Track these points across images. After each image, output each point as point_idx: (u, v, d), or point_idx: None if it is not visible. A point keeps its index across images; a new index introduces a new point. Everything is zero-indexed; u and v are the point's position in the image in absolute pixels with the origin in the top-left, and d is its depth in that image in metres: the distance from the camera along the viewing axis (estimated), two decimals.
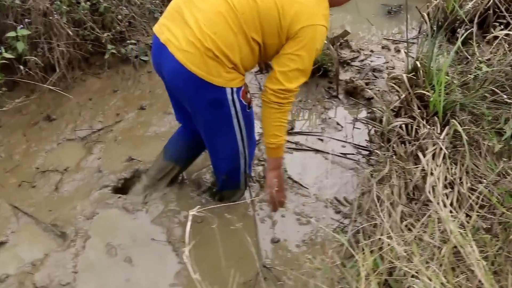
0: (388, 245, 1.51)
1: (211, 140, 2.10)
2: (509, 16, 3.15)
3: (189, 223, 1.31)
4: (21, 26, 2.73)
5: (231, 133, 2.00)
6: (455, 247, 1.58)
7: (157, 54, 1.91)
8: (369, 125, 2.81)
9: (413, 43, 3.86)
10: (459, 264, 1.51)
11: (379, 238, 1.80)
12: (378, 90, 3.17)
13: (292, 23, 1.75)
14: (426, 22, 3.40)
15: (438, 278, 1.28)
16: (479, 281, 1.30)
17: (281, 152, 2.03)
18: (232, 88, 1.85)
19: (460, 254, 1.55)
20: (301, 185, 2.44)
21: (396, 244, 1.48)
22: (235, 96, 1.87)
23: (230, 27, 1.74)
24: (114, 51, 3.20)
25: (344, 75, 3.36)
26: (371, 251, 1.59)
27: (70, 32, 2.97)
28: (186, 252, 1.25)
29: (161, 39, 1.84)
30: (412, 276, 1.49)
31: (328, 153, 2.60)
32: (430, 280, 1.28)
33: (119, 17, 3.25)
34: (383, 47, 3.79)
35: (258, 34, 1.78)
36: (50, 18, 2.89)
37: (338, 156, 2.63)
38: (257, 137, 2.72)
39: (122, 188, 2.41)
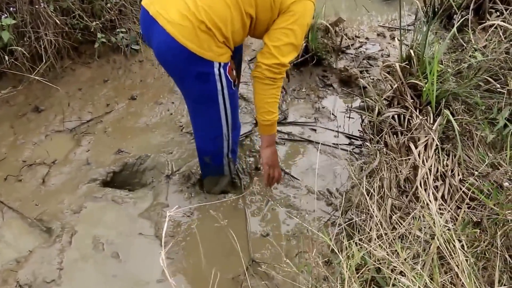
0: (368, 251, 1.47)
1: (196, 117, 2.08)
2: (502, 5, 3.07)
3: (166, 225, 1.29)
4: (6, 15, 2.67)
5: (216, 111, 1.99)
6: (444, 242, 1.57)
7: (146, 27, 1.89)
8: (362, 115, 2.77)
9: (409, 30, 3.80)
10: (446, 261, 1.48)
11: (368, 232, 1.78)
12: (373, 79, 3.12)
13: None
14: (420, 9, 3.35)
15: (422, 279, 1.26)
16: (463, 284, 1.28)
17: (275, 129, 2.09)
18: (219, 63, 1.85)
19: (447, 250, 1.53)
20: (292, 176, 2.41)
21: (382, 242, 1.46)
22: (221, 70, 1.87)
23: (225, 1, 1.75)
24: (104, 40, 3.14)
25: (339, 63, 3.31)
26: (361, 246, 1.58)
27: (57, 21, 2.91)
28: (162, 255, 1.22)
29: (150, 12, 1.81)
30: (401, 272, 1.47)
31: (320, 143, 2.56)
32: (414, 280, 1.25)
33: (109, 5, 3.19)
34: (378, 35, 3.73)
35: (252, 8, 1.80)
36: (37, 6, 2.82)
37: (331, 146, 2.59)
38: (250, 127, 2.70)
39: (111, 182, 2.38)
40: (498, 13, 3.20)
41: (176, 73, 1.94)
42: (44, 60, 2.87)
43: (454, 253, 1.39)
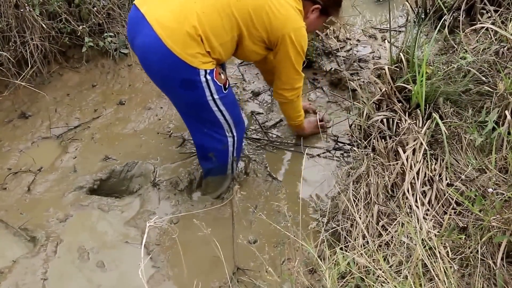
0: (352, 260, 1.46)
1: (191, 121, 2.08)
2: (492, 7, 3.06)
3: (145, 236, 1.27)
4: None
5: (211, 115, 1.98)
6: (428, 249, 1.55)
7: (133, 27, 1.86)
8: (350, 119, 2.75)
9: (401, 31, 3.79)
10: (429, 269, 1.47)
11: (354, 240, 1.77)
12: (363, 82, 3.10)
13: (280, 25, 1.91)
14: (411, 10, 3.33)
15: None
16: None
17: (303, 120, 2.49)
18: (205, 70, 1.84)
19: (431, 257, 1.51)
20: (280, 181, 2.39)
21: (366, 250, 1.44)
22: (208, 77, 1.85)
23: (218, 11, 1.77)
24: (92, 44, 3.11)
25: (329, 66, 3.29)
26: (343, 255, 1.56)
27: (44, 25, 2.88)
28: (141, 267, 1.20)
29: (141, 10, 1.79)
30: (384, 281, 1.46)
31: (307, 147, 2.54)
32: None
33: (96, 8, 3.16)
34: (370, 36, 3.70)
35: (245, 23, 1.85)
36: (22, 10, 2.80)
37: (318, 151, 2.57)
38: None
39: (98, 189, 2.36)
40: (489, 14, 3.19)
41: (160, 79, 1.91)
42: (30, 65, 2.85)
43: (436, 261, 1.37)
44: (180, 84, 1.86)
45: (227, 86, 1.98)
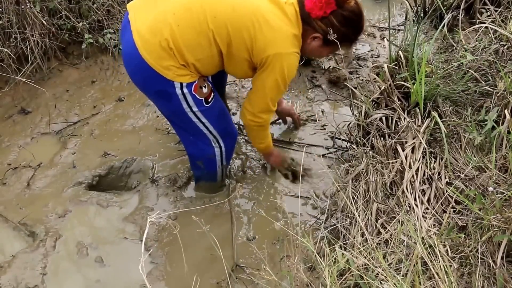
0: (348, 260, 1.46)
1: (176, 128, 2.07)
2: (492, 5, 3.06)
3: (146, 231, 1.27)
4: None
5: (193, 125, 1.95)
6: (427, 247, 1.56)
7: (122, 30, 1.85)
8: (348, 117, 2.75)
9: (400, 30, 3.79)
10: (428, 267, 1.47)
11: (353, 238, 1.77)
12: (362, 80, 3.11)
13: (263, 48, 1.76)
14: (410, 8, 3.33)
15: (403, 287, 1.25)
16: None
17: (271, 146, 2.22)
18: (181, 83, 1.79)
19: (430, 255, 1.52)
20: (279, 179, 2.39)
21: (365, 248, 1.44)
22: (185, 90, 1.81)
23: (194, 26, 1.70)
24: (91, 40, 3.11)
25: (328, 64, 3.29)
26: (342, 253, 1.56)
27: (44, 22, 2.88)
28: (142, 262, 1.20)
29: (129, 14, 1.79)
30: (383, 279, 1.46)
31: (306, 145, 2.54)
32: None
33: (96, 5, 3.16)
34: (368, 35, 3.71)
35: (223, 42, 1.75)
36: (23, 7, 2.79)
37: (317, 149, 2.57)
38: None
39: (97, 185, 2.36)
40: (488, 13, 3.20)
41: (139, 86, 1.92)
42: (30, 61, 2.85)
43: (436, 260, 1.38)
44: (155, 93, 1.85)
45: (210, 100, 1.90)
